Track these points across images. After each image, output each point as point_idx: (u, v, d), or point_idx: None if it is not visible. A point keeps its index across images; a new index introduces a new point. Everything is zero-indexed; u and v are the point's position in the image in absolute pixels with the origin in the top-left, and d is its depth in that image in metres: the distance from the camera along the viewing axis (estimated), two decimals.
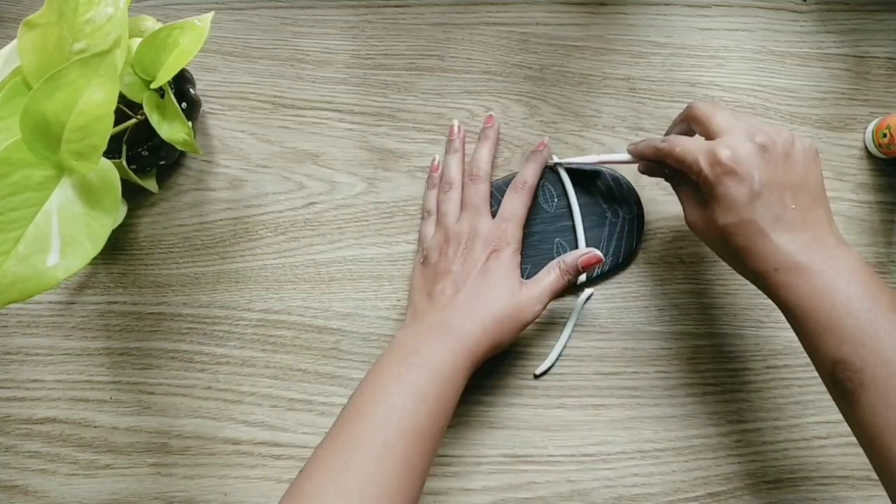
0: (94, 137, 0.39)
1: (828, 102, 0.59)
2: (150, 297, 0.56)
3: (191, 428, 0.54)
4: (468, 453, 0.54)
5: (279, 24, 0.59)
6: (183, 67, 0.47)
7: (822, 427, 0.54)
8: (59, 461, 0.53)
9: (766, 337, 0.56)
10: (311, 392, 0.54)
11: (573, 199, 0.55)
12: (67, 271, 0.39)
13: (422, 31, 0.59)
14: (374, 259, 0.56)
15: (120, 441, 0.54)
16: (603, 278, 0.56)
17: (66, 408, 0.54)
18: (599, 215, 0.56)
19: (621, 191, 0.56)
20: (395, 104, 0.58)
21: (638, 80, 0.59)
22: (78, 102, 0.39)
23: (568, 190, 0.55)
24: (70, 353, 0.55)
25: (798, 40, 0.60)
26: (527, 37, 0.59)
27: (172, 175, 0.57)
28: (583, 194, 0.56)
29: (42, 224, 0.40)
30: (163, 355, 0.55)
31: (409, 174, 0.57)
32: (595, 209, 0.56)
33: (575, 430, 0.54)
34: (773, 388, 0.55)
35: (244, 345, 0.55)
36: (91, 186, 0.41)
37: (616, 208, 0.56)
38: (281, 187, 0.57)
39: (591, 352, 0.55)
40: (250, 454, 0.53)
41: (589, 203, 0.56)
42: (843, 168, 0.58)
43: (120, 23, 0.43)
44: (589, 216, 0.55)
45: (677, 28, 0.60)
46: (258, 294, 0.56)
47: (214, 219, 0.57)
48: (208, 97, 0.58)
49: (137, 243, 0.56)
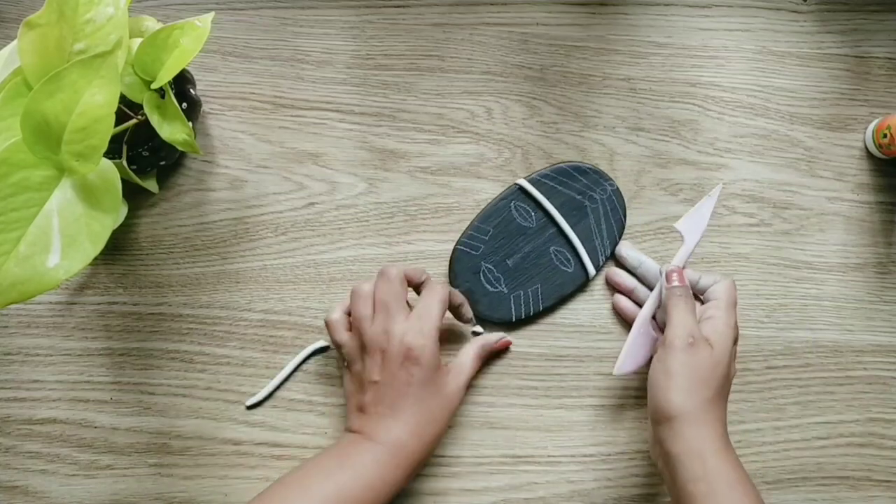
0: (95, 138, 0.40)
1: (828, 103, 0.59)
2: (151, 297, 0.56)
3: (191, 428, 0.54)
4: (468, 454, 0.54)
5: (279, 24, 0.59)
6: (183, 68, 0.47)
7: (822, 427, 0.54)
8: (60, 462, 0.53)
9: (766, 337, 0.56)
10: (311, 392, 0.54)
11: (549, 206, 0.55)
12: (68, 272, 0.39)
13: (422, 32, 0.59)
14: (374, 259, 0.56)
15: (120, 441, 0.54)
16: (608, 261, 0.56)
17: (66, 408, 0.54)
18: (579, 208, 0.56)
19: (588, 177, 0.56)
20: (395, 104, 0.58)
21: (638, 80, 0.59)
22: (79, 103, 0.39)
23: (541, 200, 0.55)
24: (70, 353, 0.55)
25: (798, 40, 0.60)
26: (527, 37, 0.59)
27: (173, 175, 0.57)
28: (555, 196, 0.56)
29: (43, 225, 0.40)
30: (163, 356, 0.55)
31: (409, 174, 0.57)
32: (572, 204, 0.56)
33: (575, 431, 0.54)
34: (774, 389, 0.55)
35: (244, 345, 0.55)
36: (92, 187, 0.41)
37: (590, 194, 0.56)
38: (281, 188, 0.57)
39: (591, 352, 0.55)
40: (251, 454, 0.54)
41: (565, 202, 0.56)
42: (844, 168, 0.58)
43: (120, 23, 0.43)
44: (570, 213, 0.56)
45: (678, 28, 0.60)
46: (259, 294, 0.56)
47: (215, 219, 0.57)
48: (209, 97, 0.58)
49: (138, 244, 0.56)
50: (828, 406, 0.55)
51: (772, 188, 0.58)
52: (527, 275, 0.55)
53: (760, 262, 0.57)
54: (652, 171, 0.58)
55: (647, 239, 0.57)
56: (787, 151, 0.58)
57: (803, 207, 0.58)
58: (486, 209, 0.56)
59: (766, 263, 0.57)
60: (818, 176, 0.58)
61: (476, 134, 0.58)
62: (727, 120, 0.59)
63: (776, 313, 0.56)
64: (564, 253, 0.55)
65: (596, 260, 0.55)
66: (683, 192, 0.57)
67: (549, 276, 0.55)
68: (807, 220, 0.57)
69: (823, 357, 0.55)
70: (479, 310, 0.54)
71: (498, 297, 0.55)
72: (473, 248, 0.55)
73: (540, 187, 0.56)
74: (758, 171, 0.58)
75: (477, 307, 0.54)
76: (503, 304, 0.55)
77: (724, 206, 0.57)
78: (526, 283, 0.55)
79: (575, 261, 0.55)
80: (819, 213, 0.58)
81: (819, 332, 0.56)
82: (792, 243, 0.57)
